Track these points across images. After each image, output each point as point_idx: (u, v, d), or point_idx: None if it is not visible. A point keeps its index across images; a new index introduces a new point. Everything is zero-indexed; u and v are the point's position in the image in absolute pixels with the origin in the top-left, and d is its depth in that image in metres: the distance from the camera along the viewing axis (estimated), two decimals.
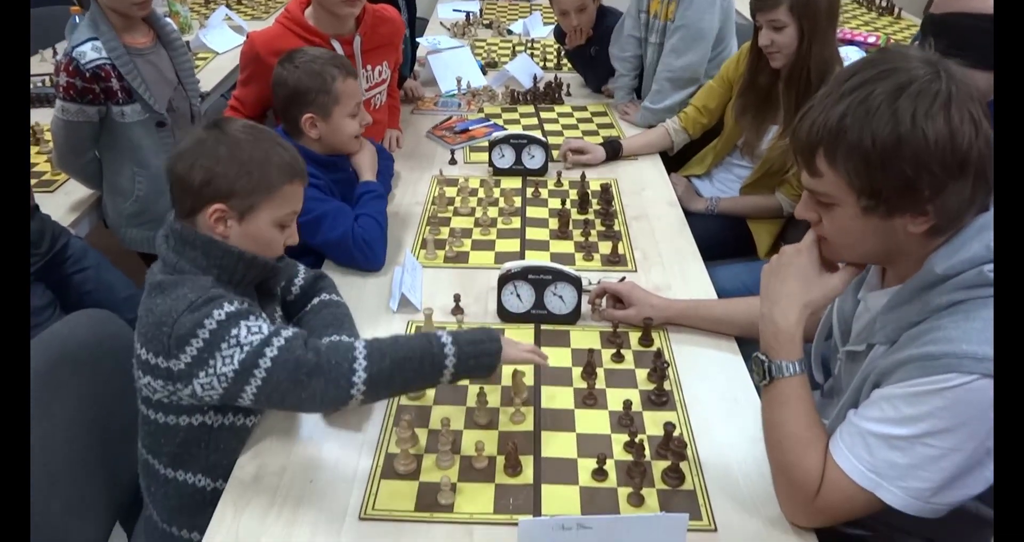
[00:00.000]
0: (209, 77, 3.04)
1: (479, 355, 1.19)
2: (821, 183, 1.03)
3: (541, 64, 3.20)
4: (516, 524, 1.01)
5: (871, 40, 3.52)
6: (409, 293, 1.63)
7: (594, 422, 1.32)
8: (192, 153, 1.20)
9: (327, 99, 1.77)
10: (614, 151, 2.36)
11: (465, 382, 1.40)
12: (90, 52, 1.93)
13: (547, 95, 2.87)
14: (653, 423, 1.31)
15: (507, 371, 1.29)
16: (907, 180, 0.96)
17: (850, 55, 2.85)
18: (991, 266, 0.96)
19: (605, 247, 1.87)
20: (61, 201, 2.15)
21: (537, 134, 2.28)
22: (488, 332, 1.22)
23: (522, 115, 2.76)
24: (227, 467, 1.24)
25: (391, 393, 1.26)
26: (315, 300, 1.45)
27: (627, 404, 1.31)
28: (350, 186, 1.88)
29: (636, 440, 1.21)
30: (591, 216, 2.03)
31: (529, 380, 1.40)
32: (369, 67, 2.22)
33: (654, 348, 1.50)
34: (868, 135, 0.96)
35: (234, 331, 1.12)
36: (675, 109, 2.54)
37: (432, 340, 1.18)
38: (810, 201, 1.09)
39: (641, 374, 1.44)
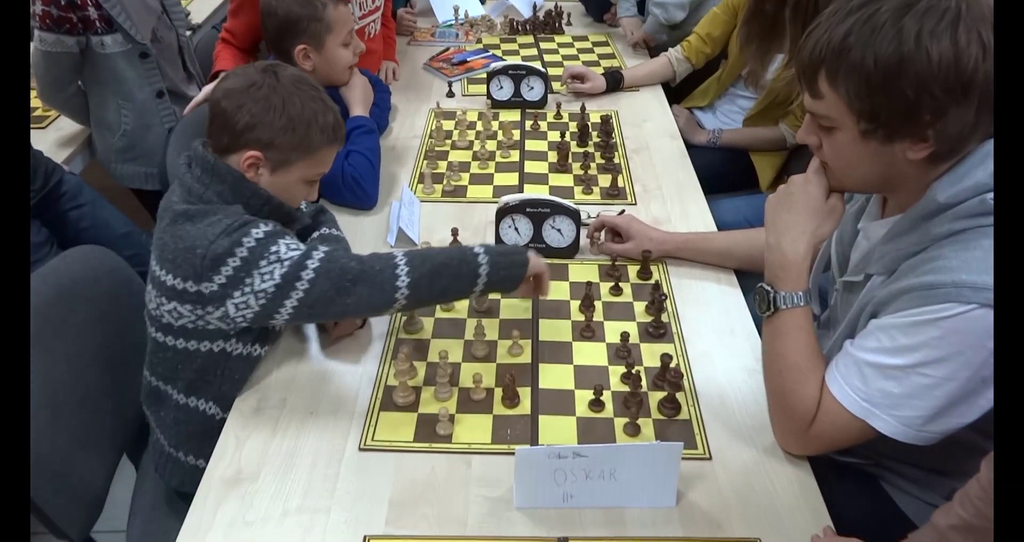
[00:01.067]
0: (200, 8, 2.97)
1: (510, 266, 1.23)
2: (822, 105, 1.01)
3: None
4: (513, 453, 1.02)
5: None
6: (406, 227, 1.62)
7: (592, 354, 1.33)
8: (242, 94, 1.19)
9: (319, 27, 1.72)
10: (615, 82, 2.31)
11: (462, 314, 1.41)
12: None
13: (547, 25, 2.80)
14: (650, 355, 1.32)
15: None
16: (907, 103, 0.93)
17: None
18: (993, 195, 0.95)
19: (605, 180, 1.85)
20: (53, 137, 2.13)
21: (536, 65, 2.22)
22: (516, 246, 1.29)
23: (521, 46, 2.69)
24: (234, 398, 1.26)
25: (430, 300, 1.26)
26: (315, 233, 1.44)
27: (624, 336, 1.31)
28: (344, 119, 1.84)
29: (633, 371, 1.22)
30: (591, 149, 1.99)
31: (527, 313, 1.41)
32: None
33: (652, 281, 1.50)
34: (870, 55, 0.93)
35: (273, 248, 1.15)
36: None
37: (466, 251, 1.22)
38: (811, 124, 1.06)
39: (639, 307, 1.44)
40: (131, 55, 2.01)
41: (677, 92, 2.50)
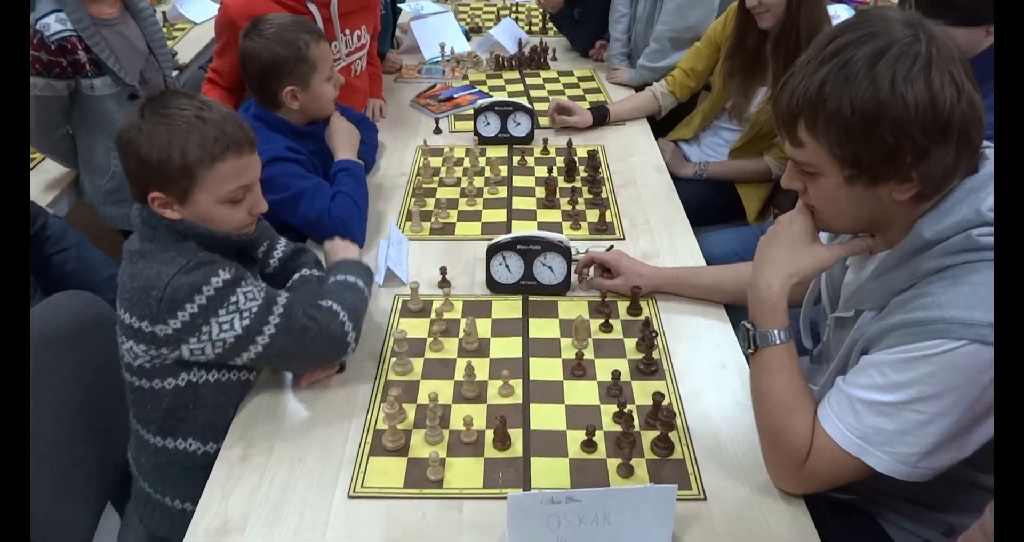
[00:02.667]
0: (187, 49, 2.99)
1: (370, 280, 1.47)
2: (804, 153, 1.02)
3: (526, 28, 3.15)
4: (506, 497, 1.00)
5: None
6: (394, 266, 1.61)
7: (583, 393, 1.31)
8: (124, 142, 1.16)
9: (305, 67, 1.73)
10: (601, 116, 2.33)
11: (451, 354, 1.40)
12: (54, 24, 1.88)
13: (532, 60, 2.82)
14: (642, 393, 1.31)
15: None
16: (888, 148, 0.94)
17: (840, 13, 2.81)
18: (980, 230, 0.95)
19: (593, 215, 1.85)
20: (38, 180, 2.12)
21: (523, 100, 2.24)
22: (358, 262, 1.49)
23: (507, 81, 2.71)
24: (218, 427, 1.24)
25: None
26: (295, 276, 1.43)
27: (616, 374, 1.31)
28: (331, 157, 1.84)
29: (625, 410, 1.21)
30: (578, 184, 2.00)
31: (517, 352, 1.40)
32: (348, 31, 2.17)
33: (642, 317, 1.49)
34: (847, 103, 0.94)
35: (232, 298, 1.15)
36: (673, 68, 2.50)
37: (357, 287, 1.40)
38: (795, 171, 1.07)
39: (630, 343, 1.43)
40: (120, 97, 2.02)
41: (662, 125, 2.52)
